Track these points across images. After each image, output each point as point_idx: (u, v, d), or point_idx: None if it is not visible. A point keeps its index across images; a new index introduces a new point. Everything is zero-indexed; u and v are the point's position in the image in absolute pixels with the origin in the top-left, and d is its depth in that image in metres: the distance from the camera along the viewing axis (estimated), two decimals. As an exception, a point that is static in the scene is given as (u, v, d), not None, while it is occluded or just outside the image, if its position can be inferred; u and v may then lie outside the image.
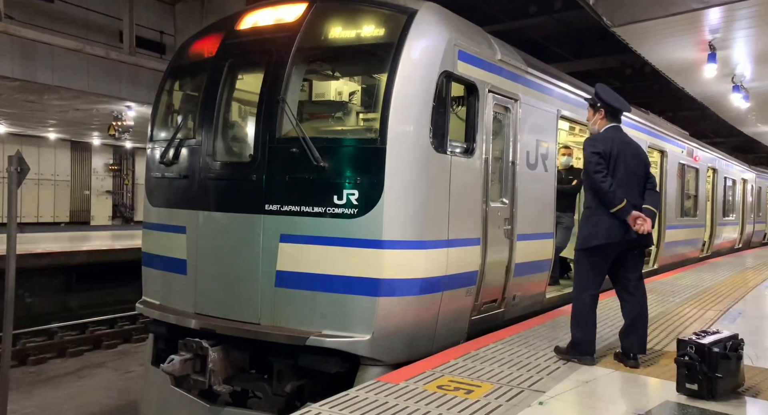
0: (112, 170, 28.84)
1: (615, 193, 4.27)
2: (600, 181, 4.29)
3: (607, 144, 4.42)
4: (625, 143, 4.54)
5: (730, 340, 3.78)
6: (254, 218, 4.80)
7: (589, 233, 4.44)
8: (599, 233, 4.37)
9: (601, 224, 4.36)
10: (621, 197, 4.27)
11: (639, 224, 4.26)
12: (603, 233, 4.36)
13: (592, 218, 4.42)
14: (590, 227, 4.43)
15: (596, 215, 4.39)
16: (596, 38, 13.91)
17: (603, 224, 4.35)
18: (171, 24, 14.41)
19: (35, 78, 12.19)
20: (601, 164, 4.32)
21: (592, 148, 4.40)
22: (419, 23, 4.74)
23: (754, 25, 8.78)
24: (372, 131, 4.76)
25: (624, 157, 4.44)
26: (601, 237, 4.36)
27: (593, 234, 4.41)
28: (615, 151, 4.41)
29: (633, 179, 4.45)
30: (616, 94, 4.72)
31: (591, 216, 4.44)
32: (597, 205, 4.39)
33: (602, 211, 4.34)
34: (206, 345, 4.80)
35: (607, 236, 4.35)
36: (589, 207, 4.48)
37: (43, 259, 13.21)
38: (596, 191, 4.36)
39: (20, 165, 5.99)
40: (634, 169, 4.48)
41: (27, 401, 8.17)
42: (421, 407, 3.46)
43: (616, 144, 4.45)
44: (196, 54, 5.78)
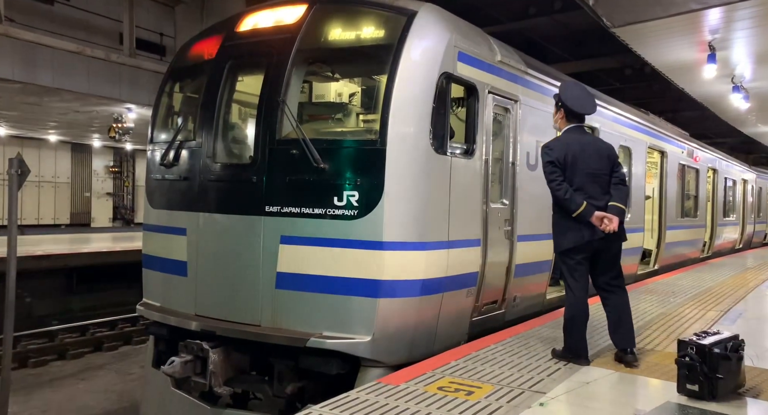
0: (113, 172, 28.87)
1: (572, 199, 4.32)
2: (555, 189, 4.38)
3: (561, 150, 4.44)
4: (584, 144, 4.51)
5: (730, 340, 3.78)
6: (254, 219, 4.80)
7: (557, 238, 4.53)
8: (566, 237, 4.45)
9: (567, 229, 4.43)
10: (579, 201, 4.32)
11: (605, 224, 4.28)
12: (569, 237, 4.42)
13: (559, 223, 4.51)
14: (557, 232, 4.52)
15: (561, 219, 4.47)
16: (596, 39, 13.91)
17: (568, 228, 4.42)
18: (171, 26, 14.42)
19: (36, 80, 12.20)
20: (556, 172, 4.39)
21: (546, 157, 4.46)
22: (419, 25, 4.74)
23: (754, 25, 8.78)
24: (372, 133, 4.77)
25: (583, 159, 4.43)
26: (569, 241, 4.43)
27: (561, 239, 4.50)
28: (570, 155, 4.41)
29: (595, 179, 4.45)
30: (584, 94, 4.70)
31: (557, 221, 4.52)
32: (560, 211, 4.47)
33: (566, 216, 4.41)
34: (207, 347, 4.80)
35: (573, 240, 4.41)
36: (555, 212, 4.53)
37: (44, 261, 13.21)
38: (555, 198, 4.45)
39: (21, 167, 5.99)
40: (595, 169, 4.46)
41: (28, 403, 8.16)
42: (422, 408, 3.45)
43: (572, 148, 4.45)
44: (197, 56, 5.79)
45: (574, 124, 4.60)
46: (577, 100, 4.61)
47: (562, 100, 4.59)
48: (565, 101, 4.57)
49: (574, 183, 4.39)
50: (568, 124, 4.61)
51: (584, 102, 4.65)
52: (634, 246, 9.46)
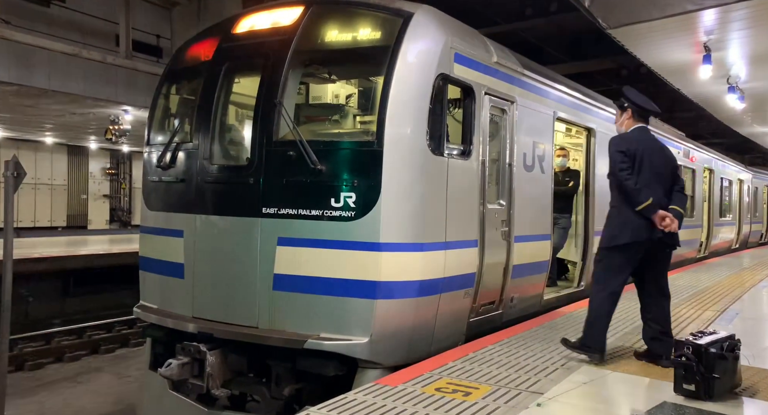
0: (110, 174, 28.81)
1: (640, 191, 4.25)
2: (625, 178, 4.27)
3: (632, 144, 4.40)
4: (653, 144, 4.53)
5: (727, 340, 3.80)
6: (251, 221, 4.80)
7: (614, 231, 4.39)
8: (624, 231, 4.33)
9: (627, 223, 4.31)
10: (647, 195, 4.24)
11: (666, 223, 4.22)
12: (628, 232, 4.31)
13: (618, 217, 4.38)
14: (616, 226, 4.39)
15: (622, 213, 4.34)
16: (592, 40, 13.96)
17: (629, 222, 4.30)
18: (167, 28, 14.40)
19: (31, 82, 12.17)
20: (626, 162, 4.30)
21: (616, 146, 4.38)
22: (415, 26, 4.75)
23: (749, 26, 8.82)
24: (369, 134, 4.77)
25: (650, 157, 4.40)
26: (627, 236, 4.31)
27: (619, 233, 4.35)
28: (640, 150, 4.38)
29: (659, 179, 4.42)
30: (645, 97, 4.69)
31: (617, 215, 4.39)
32: (622, 204, 4.35)
33: (628, 209, 4.30)
34: (204, 349, 4.79)
35: (632, 235, 4.30)
36: (614, 206, 4.43)
37: (40, 264, 13.17)
38: (621, 189, 4.34)
39: (17, 170, 5.98)
40: (660, 168, 4.44)
41: (24, 406, 8.13)
42: (420, 409, 3.46)
43: (641, 144, 4.42)
44: (193, 58, 5.78)
45: (641, 124, 4.58)
46: (646, 102, 4.61)
47: (631, 99, 4.57)
48: (635, 100, 4.55)
49: (640, 180, 4.31)
50: (634, 124, 4.57)
51: (651, 103, 4.64)
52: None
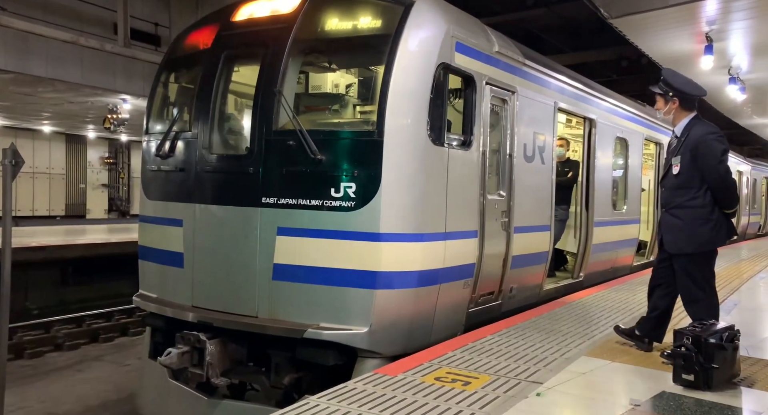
0: (108, 163, 28.75)
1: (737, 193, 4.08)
2: (732, 180, 4.07)
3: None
4: None
5: (726, 331, 3.81)
6: (251, 210, 4.79)
7: (712, 234, 4.12)
8: (721, 233, 4.13)
9: (722, 225, 4.12)
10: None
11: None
12: (723, 234, 4.15)
13: (710, 219, 4.09)
14: (712, 228, 4.10)
15: (715, 214, 4.10)
16: (593, 30, 13.90)
17: (723, 224, 4.12)
18: (166, 16, 14.27)
19: (29, 70, 12.07)
20: (727, 163, 4.07)
21: (722, 144, 4.04)
22: (416, 14, 4.71)
23: (751, 16, 8.77)
24: (369, 124, 4.75)
25: None
26: (723, 238, 4.15)
27: (717, 236, 4.13)
28: None
29: None
30: (687, 78, 4.30)
31: (707, 216, 4.09)
32: (712, 204, 4.08)
33: (719, 211, 4.09)
34: (204, 338, 4.79)
35: (725, 237, 4.16)
36: (695, 206, 4.10)
37: (39, 252, 13.16)
38: (725, 190, 4.06)
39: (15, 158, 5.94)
40: None
41: (24, 395, 8.16)
42: (419, 398, 3.47)
43: None
44: (192, 46, 5.74)
45: (694, 113, 4.21)
46: (689, 85, 4.21)
47: (677, 86, 4.17)
48: (682, 87, 4.16)
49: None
50: (687, 113, 4.20)
51: (695, 84, 4.24)
52: (630, 238, 9.50)
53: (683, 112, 4.26)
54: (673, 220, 4.24)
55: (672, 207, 4.26)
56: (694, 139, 4.15)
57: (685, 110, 4.25)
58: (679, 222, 4.21)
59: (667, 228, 4.31)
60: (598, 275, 8.37)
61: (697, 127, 4.20)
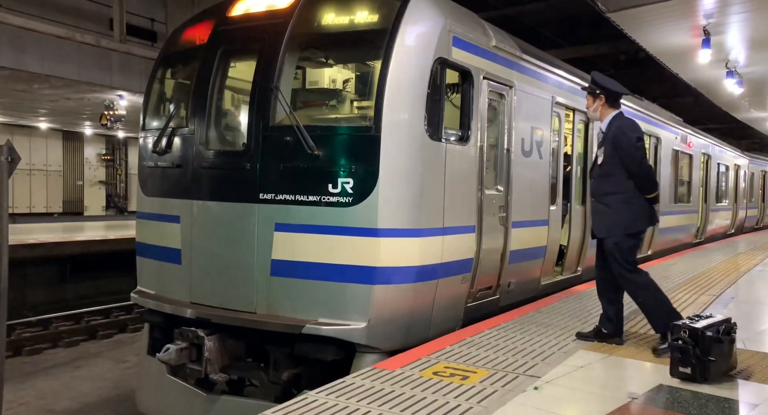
0: (105, 160, 28.68)
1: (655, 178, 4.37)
2: (648, 166, 4.38)
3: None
4: None
5: (723, 324, 3.82)
6: (249, 207, 4.78)
7: (632, 218, 4.43)
8: (642, 217, 4.44)
9: (642, 209, 4.42)
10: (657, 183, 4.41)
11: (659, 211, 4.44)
12: (645, 218, 4.45)
13: (632, 203, 4.41)
14: (632, 212, 4.42)
15: (636, 199, 4.41)
16: (591, 25, 13.86)
17: (644, 208, 4.42)
18: (162, 11, 14.22)
19: (24, 66, 12.02)
20: (643, 149, 4.38)
21: (636, 133, 4.43)
22: (413, 9, 4.69)
23: (748, 9, 8.77)
24: (366, 119, 4.74)
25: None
26: (644, 221, 4.45)
27: (636, 219, 4.44)
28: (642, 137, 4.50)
29: None
30: (612, 79, 4.73)
31: (629, 201, 4.41)
32: (633, 190, 4.40)
33: (639, 196, 4.39)
34: (202, 334, 4.80)
35: (648, 220, 4.45)
36: (617, 193, 4.43)
37: (37, 249, 13.14)
38: (642, 176, 4.39)
39: (11, 155, 5.91)
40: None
41: (23, 391, 8.16)
42: (417, 393, 3.48)
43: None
44: (188, 41, 5.71)
45: (618, 109, 4.59)
46: (614, 85, 4.62)
47: (602, 84, 4.57)
48: (605, 85, 4.57)
49: None
50: (612, 110, 4.57)
51: (618, 85, 4.65)
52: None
53: (608, 109, 4.60)
54: (600, 207, 4.58)
55: (599, 195, 4.58)
56: (613, 131, 4.51)
57: (610, 107, 4.60)
58: (605, 208, 4.52)
59: (596, 215, 4.64)
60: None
61: (617, 121, 4.56)
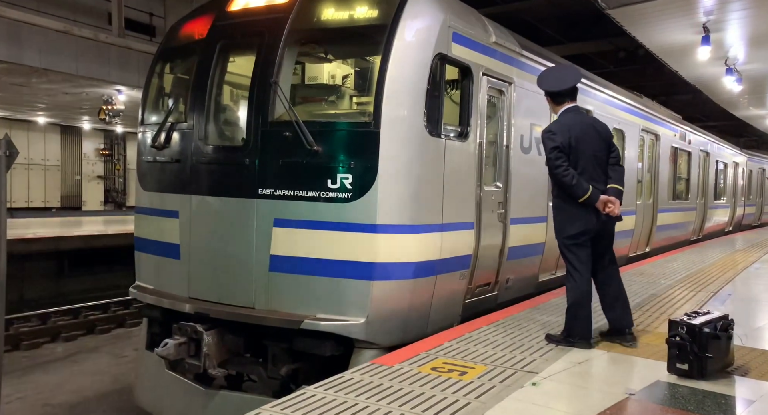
0: (103, 155, 28.61)
1: (579, 185, 4.25)
2: (562, 176, 4.26)
3: (565, 134, 4.33)
4: (584, 126, 4.45)
5: (720, 320, 3.84)
6: (247, 202, 4.78)
7: (562, 223, 4.43)
8: (573, 221, 4.37)
9: (573, 214, 4.36)
10: (586, 187, 4.26)
11: (609, 208, 4.28)
12: (577, 223, 4.35)
13: (563, 208, 4.41)
14: (563, 218, 4.42)
15: (566, 205, 4.38)
16: (590, 21, 13.84)
17: (574, 213, 4.35)
18: (160, 6, 14.18)
19: (22, 60, 11.98)
20: (561, 158, 4.26)
21: (551, 142, 4.30)
22: (413, 4, 4.68)
23: (748, 6, 8.75)
24: (366, 115, 4.73)
25: (585, 141, 4.36)
26: (576, 226, 4.36)
27: (567, 225, 4.39)
28: (573, 138, 4.32)
29: (597, 161, 4.42)
30: (555, 72, 4.68)
31: (561, 206, 4.42)
32: (563, 196, 4.37)
33: (571, 201, 4.33)
34: (200, 329, 4.80)
35: (581, 225, 4.35)
36: (558, 196, 4.43)
37: (35, 244, 13.13)
38: (560, 185, 4.35)
39: (9, 149, 5.90)
40: (597, 150, 4.43)
41: (21, 386, 8.17)
42: (416, 388, 3.49)
43: (574, 131, 4.35)
44: (187, 36, 5.69)
45: (567, 105, 4.50)
46: (549, 80, 4.56)
47: (541, 87, 4.58)
48: (540, 86, 4.57)
49: (578, 166, 4.31)
50: (561, 107, 4.52)
51: (556, 79, 4.56)
52: (626, 228, 9.52)
53: (557, 107, 4.56)
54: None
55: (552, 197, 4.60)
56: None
57: (557, 105, 4.54)
58: (553, 210, 4.55)
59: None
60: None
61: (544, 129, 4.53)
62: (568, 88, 4.48)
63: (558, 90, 4.49)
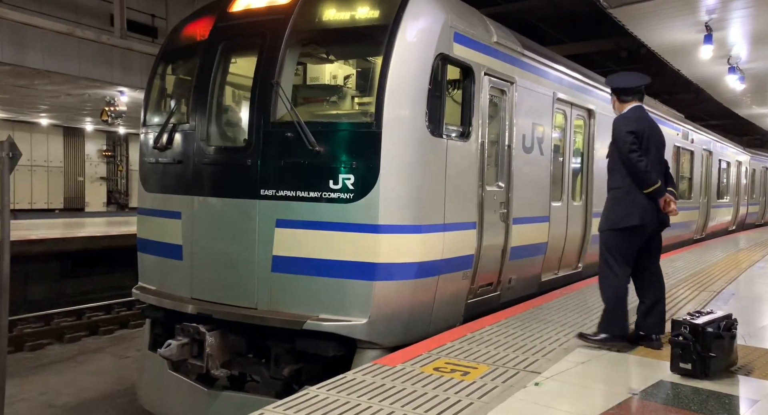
0: (106, 156, 28.68)
1: (651, 174, 4.23)
2: (636, 160, 4.21)
3: (640, 124, 4.36)
4: (654, 124, 4.53)
5: (723, 320, 3.83)
6: (249, 203, 4.78)
7: (622, 213, 4.30)
8: (633, 213, 4.28)
9: (636, 205, 4.27)
10: (656, 178, 4.26)
11: (671, 207, 4.31)
12: (637, 214, 4.28)
13: (625, 198, 4.30)
14: (623, 208, 4.30)
15: (630, 195, 4.28)
16: (592, 20, 13.82)
17: (637, 204, 4.27)
18: (162, 7, 14.19)
19: (25, 62, 12.01)
20: (636, 144, 4.24)
21: (626, 127, 4.30)
22: (414, 4, 4.68)
23: (751, 5, 8.73)
24: (367, 115, 4.73)
25: (654, 138, 4.41)
26: (636, 218, 4.27)
27: (627, 214, 4.28)
28: (647, 131, 4.36)
29: (660, 161, 4.47)
30: (628, 74, 4.70)
31: (623, 196, 4.31)
32: (629, 185, 4.28)
33: (636, 191, 4.26)
34: (203, 330, 4.81)
35: (641, 217, 4.28)
36: (618, 187, 4.34)
37: (38, 245, 13.16)
38: (631, 171, 4.26)
39: (12, 151, 5.92)
40: (660, 150, 4.50)
41: (25, 386, 8.19)
42: (418, 388, 3.49)
43: (646, 124, 4.40)
44: (189, 37, 5.70)
45: (633, 104, 4.49)
46: (620, 78, 4.64)
47: (610, 85, 4.64)
48: (610, 83, 4.64)
49: (648, 159, 4.29)
50: (626, 106, 4.49)
51: (626, 78, 4.63)
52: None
53: (622, 105, 4.57)
54: (606, 201, 4.56)
55: (607, 190, 4.57)
56: (613, 124, 4.52)
57: (623, 103, 4.56)
58: (606, 203, 4.51)
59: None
60: (597, 266, 8.37)
61: (618, 116, 4.56)
62: (635, 86, 4.51)
63: (626, 87, 4.52)
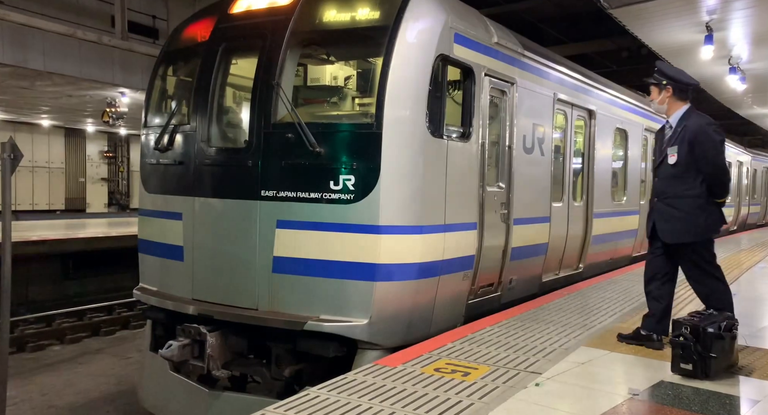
0: (107, 157, 28.70)
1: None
2: (726, 170, 4.15)
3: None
4: None
5: (724, 320, 3.83)
6: (250, 204, 4.79)
7: (709, 222, 4.21)
8: (717, 222, 4.24)
9: (717, 214, 4.23)
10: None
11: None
12: (719, 223, 4.26)
13: (707, 208, 4.19)
14: (708, 217, 4.20)
15: (709, 205, 4.19)
16: (593, 21, 13.83)
17: (717, 213, 4.24)
18: (163, 9, 14.23)
19: (26, 64, 12.04)
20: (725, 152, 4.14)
21: (719, 135, 4.08)
22: (415, 5, 4.69)
23: (751, 5, 8.72)
24: (368, 116, 4.74)
25: None
26: (719, 226, 4.26)
27: (713, 224, 4.23)
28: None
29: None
30: (680, 69, 4.45)
31: (704, 206, 4.18)
32: (706, 196, 4.16)
33: (711, 201, 4.19)
34: (204, 331, 4.81)
35: (721, 225, 4.29)
36: (698, 195, 4.16)
37: (40, 246, 13.18)
38: (717, 181, 4.13)
39: (13, 152, 5.93)
40: None
41: (26, 387, 8.20)
42: (419, 389, 3.49)
43: None
44: (190, 38, 5.71)
45: (689, 104, 4.26)
46: (683, 74, 4.31)
47: (669, 74, 4.26)
48: (675, 76, 4.26)
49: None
50: (682, 104, 4.26)
51: (684, 73, 4.37)
52: (630, 228, 9.51)
53: (677, 103, 4.31)
54: (670, 210, 4.28)
55: (668, 197, 4.30)
56: (692, 130, 4.19)
57: (680, 100, 4.31)
58: (675, 212, 4.25)
59: (664, 218, 4.34)
60: (597, 266, 8.39)
61: (695, 118, 4.26)
62: (697, 83, 4.33)
63: (687, 81, 4.27)
